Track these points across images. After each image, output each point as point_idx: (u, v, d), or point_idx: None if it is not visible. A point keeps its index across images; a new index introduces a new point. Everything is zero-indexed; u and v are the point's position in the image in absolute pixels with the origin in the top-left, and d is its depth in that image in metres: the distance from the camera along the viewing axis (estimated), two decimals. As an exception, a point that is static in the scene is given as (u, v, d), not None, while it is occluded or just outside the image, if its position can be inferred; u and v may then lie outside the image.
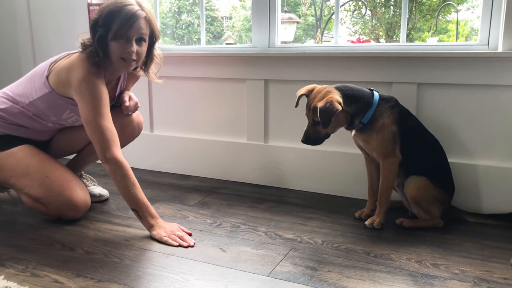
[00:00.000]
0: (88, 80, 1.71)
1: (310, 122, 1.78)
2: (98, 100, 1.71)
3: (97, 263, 1.52)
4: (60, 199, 1.81)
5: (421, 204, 1.78)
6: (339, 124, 1.78)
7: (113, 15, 1.66)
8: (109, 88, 1.89)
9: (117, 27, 1.66)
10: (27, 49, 2.93)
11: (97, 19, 1.68)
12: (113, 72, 1.84)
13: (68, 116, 1.88)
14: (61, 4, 2.78)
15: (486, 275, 1.45)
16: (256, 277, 1.43)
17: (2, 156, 1.83)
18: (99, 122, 1.70)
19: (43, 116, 1.86)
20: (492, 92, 1.93)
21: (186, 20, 13.50)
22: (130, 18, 1.66)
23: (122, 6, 1.67)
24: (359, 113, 1.77)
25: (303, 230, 1.80)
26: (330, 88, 1.75)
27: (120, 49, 1.70)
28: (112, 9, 1.67)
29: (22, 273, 1.44)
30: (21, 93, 1.84)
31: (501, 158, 1.96)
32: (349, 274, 1.45)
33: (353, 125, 1.80)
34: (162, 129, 2.67)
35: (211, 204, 2.12)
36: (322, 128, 1.73)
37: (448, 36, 9.20)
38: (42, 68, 1.83)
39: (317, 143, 1.80)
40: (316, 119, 1.72)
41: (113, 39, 1.69)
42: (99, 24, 1.67)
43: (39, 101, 1.81)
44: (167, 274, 1.44)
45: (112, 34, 1.67)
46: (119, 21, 1.65)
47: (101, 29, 1.67)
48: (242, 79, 2.38)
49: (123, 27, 1.66)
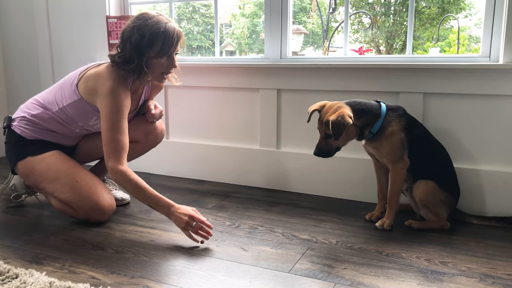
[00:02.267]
0: (113, 92, 1.82)
1: (322, 136, 1.89)
2: (117, 114, 1.82)
3: (128, 261, 1.62)
4: (88, 203, 1.92)
5: (429, 207, 1.90)
6: (350, 137, 1.90)
7: (157, 35, 1.77)
8: (135, 97, 2.02)
9: (162, 46, 1.79)
10: (46, 60, 3.05)
11: (140, 39, 1.77)
12: (142, 82, 1.96)
13: (94, 122, 2.00)
14: (80, 16, 2.91)
15: (491, 271, 1.56)
16: (278, 274, 1.54)
17: (34, 161, 1.94)
18: (112, 134, 1.81)
19: (71, 122, 1.97)
20: (494, 101, 2.05)
21: (186, 27, 13.66)
22: (174, 37, 1.80)
23: (163, 24, 1.79)
24: (368, 125, 1.89)
25: (317, 231, 1.92)
26: (341, 104, 1.87)
27: (163, 65, 1.84)
28: (154, 30, 1.77)
29: (60, 270, 1.55)
30: (52, 100, 1.96)
31: (503, 163, 2.08)
32: (363, 271, 1.56)
33: (363, 136, 1.92)
34: (178, 136, 2.79)
35: (227, 207, 2.23)
36: (333, 140, 1.85)
37: (448, 43, 9.36)
38: (72, 77, 1.95)
39: (329, 155, 1.91)
40: (328, 132, 1.84)
41: (157, 57, 1.81)
42: (143, 45, 1.78)
43: (68, 108, 1.93)
44: (195, 271, 1.55)
45: (156, 52, 1.80)
46: (164, 41, 1.78)
47: (146, 49, 1.78)
48: (256, 88, 2.51)
49: (170, 46, 1.80)
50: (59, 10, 2.96)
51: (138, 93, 2.04)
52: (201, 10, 14.10)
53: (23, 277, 1.44)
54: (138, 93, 2.04)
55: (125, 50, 1.82)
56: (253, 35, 13.48)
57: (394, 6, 11.04)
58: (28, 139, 1.96)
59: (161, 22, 1.79)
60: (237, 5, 13.80)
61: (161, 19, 1.81)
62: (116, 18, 2.69)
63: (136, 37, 1.78)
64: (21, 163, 1.96)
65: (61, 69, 3.02)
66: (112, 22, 2.71)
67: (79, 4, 2.89)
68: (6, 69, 3.25)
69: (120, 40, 1.85)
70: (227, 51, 13.83)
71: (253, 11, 13.46)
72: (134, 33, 1.78)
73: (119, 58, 1.83)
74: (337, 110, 1.83)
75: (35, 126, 1.97)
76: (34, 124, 1.97)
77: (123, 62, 1.83)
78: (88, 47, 2.91)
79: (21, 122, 1.98)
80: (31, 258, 1.64)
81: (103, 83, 1.84)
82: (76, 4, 2.90)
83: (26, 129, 1.96)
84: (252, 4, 13.40)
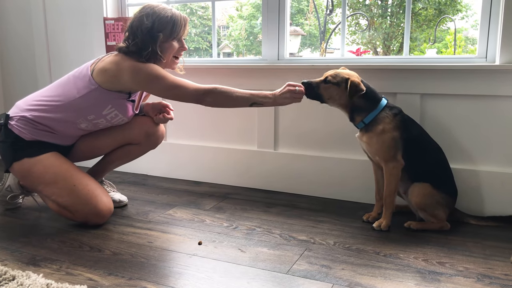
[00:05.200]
0: (139, 65, 1.87)
1: (322, 79, 1.93)
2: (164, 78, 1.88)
3: (126, 263, 1.62)
4: (86, 207, 1.92)
5: (427, 210, 1.90)
6: (338, 99, 1.92)
7: (166, 19, 1.89)
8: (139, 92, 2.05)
9: (172, 29, 1.90)
10: (43, 60, 3.05)
11: (151, 25, 1.86)
12: None
13: (108, 112, 1.96)
14: (77, 17, 2.91)
15: (488, 271, 1.57)
16: (276, 275, 1.54)
17: (31, 163, 1.93)
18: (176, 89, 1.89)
19: (79, 116, 1.94)
20: (491, 102, 2.06)
21: (183, 29, 13.65)
22: (182, 20, 1.93)
23: (169, 10, 1.92)
24: (363, 111, 1.91)
25: (315, 232, 1.92)
26: (357, 76, 1.93)
27: (174, 48, 1.96)
28: (162, 15, 1.89)
29: (58, 272, 1.55)
30: (60, 94, 1.93)
31: (500, 163, 2.08)
32: (361, 271, 1.56)
33: (354, 121, 1.95)
34: (175, 138, 2.79)
35: (225, 208, 2.23)
36: (325, 89, 1.92)
37: (445, 44, 9.39)
38: (82, 70, 1.94)
39: (310, 92, 1.94)
40: (330, 79, 1.90)
41: (168, 41, 1.91)
42: (155, 29, 1.87)
43: (80, 100, 1.90)
44: (193, 273, 1.55)
45: (167, 36, 1.90)
46: (174, 24, 1.90)
47: (157, 34, 1.87)
48: (253, 89, 2.50)
49: (179, 29, 1.92)
50: (56, 11, 2.96)
51: None
52: (198, 12, 14.12)
53: (20, 279, 1.44)
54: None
55: (137, 38, 1.87)
56: (250, 37, 13.50)
57: (391, 7, 11.07)
58: (26, 140, 1.94)
59: (167, 9, 1.93)
60: (234, 7, 13.82)
61: (166, 6, 1.95)
62: (113, 20, 2.70)
63: (146, 23, 1.87)
64: (17, 164, 1.94)
65: (58, 70, 3.01)
66: (110, 23, 2.71)
67: (76, 5, 2.89)
68: (4, 69, 3.24)
69: (130, 31, 1.90)
70: (225, 53, 13.84)
71: (250, 13, 13.48)
72: (144, 21, 1.87)
73: (133, 46, 1.88)
74: (355, 76, 1.90)
75: (34, 127, 1.94)
76: (34, 125, 1.93)
77: (137, 50, 1.88)
78: (85, 48, 2.90)
79: (20, 122, 1.94)
80: (28, 260, 1.64)
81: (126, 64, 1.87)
82: (73, 5, 2.90)
83: (24, 130, 1.93)
84: (250, 6, 13.42)
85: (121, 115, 1.99)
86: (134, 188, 2.57)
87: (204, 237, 1.86)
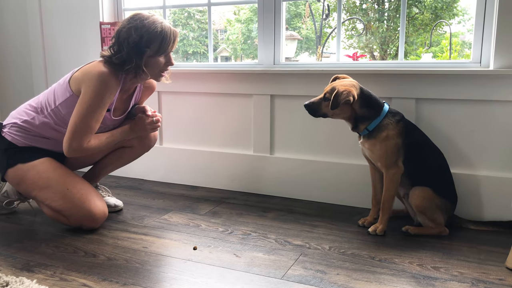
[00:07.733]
0: (102, 77, 1.80)
1: (322, 96, 1.93)
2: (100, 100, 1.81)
3: (120, 269, 1.62)
4: (80, 211, 1.91)
5: (426, 213, 1.90)
6: (341, 114, 1.92)
7: (155, 34, 1.80)
8: (124, 97, 2.01)
9: (160, 45, 1.82)
10: (39, 66, 3.05)
11: (138, 39, 1.79)
12: (138, 81, 1.96)
13: None
14: (73, 22, 2.91)
15: (483, 276, 1.57)
16: (271, 280, 1.53)
17: (25, 169, 1.93)
18: (87, 119, 1.81)
19: (63, 124, 1.94)
20: (485, 106, 2.07)
21: (181, 33, 13.68)
22: (171, 36, 1.84)
23: (160, 24, 1.82)
24: (367, 119, 1.91)
25: (311, 237, 1.92)
26: (356, 84, 1.91)
27: (161, 64, 1.88)
28: (152, 29, 1.80)
29: (51, 277, 1.54)
30: (44, 102, 1.94)
31: (497, 168, 2.09)
32: (356, 276, 1.56)
33: (358, 129, 1.94)
34: (171, 142, 2.79)
35: (221, 213, 2.22)
36: (326, 106, 1.90)
37: (441, 48, 9.43)
38: (65, 78, 1.94)
39: (314, 114, 1.94)
40: (328, 96, 1.88)
41: (155, 56, 1.84)
42: (142, 45, 1.80)
43: (61, 107, 1.90)
44: (188, 278, 1.55)
45: (154, 51, 1.83)
46: (162, 40, 1.82)
47: (144, 49, 1.81)
48: (249, 94, 2.51)
49: (168, 45, 1.84)
50: (52, 16, 2.96)
51: (128, 93, 2.03)
52: (196, 16, 14.14)
53: (14, 285, 1.43)
54: (128, 93, 2.03)
55: (122, 51, 1.81)
56: (248, 41, 13.53)
57: (387, 12, 11.12)
58: (19, 146, 1.95)
59: (157, 22, 1.82)
60: (232, 11, 13.85)
61: (156, 19, 1.83)
62: (109, 24, 2.70)
63: (134, 37, 1.79)
64: (11, 171, 1.94)
65: (54, 75, 3.01)
66: (106, 28, 2.71)
67: (72, 10, 2.89)
68: (-1, 75, 3.24)
69: (116, 41, 1.84)
70: (223, 57, 13.87)
71: (248, 17, 13.51)
72: (132, 34, 1.79)
73: (117, 59, 1.82)
74: (348, 86, 1.87)
75: (26, 133, 1.95)
76: (25, 130, 1.95)
77: (121, 63, 1.83)
78: (81, 53, 2.90)
79: (12, 129, 1.96)
80: (22, 265, 1.63)
81: (93, 69, 1.82)
82: (70, 10, 2.90)
83: (17, 136, 1.94)
84: (248, 9, 13.46)
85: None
86: (129, 193, 2.56)
87: (199, 242, 1.86)
